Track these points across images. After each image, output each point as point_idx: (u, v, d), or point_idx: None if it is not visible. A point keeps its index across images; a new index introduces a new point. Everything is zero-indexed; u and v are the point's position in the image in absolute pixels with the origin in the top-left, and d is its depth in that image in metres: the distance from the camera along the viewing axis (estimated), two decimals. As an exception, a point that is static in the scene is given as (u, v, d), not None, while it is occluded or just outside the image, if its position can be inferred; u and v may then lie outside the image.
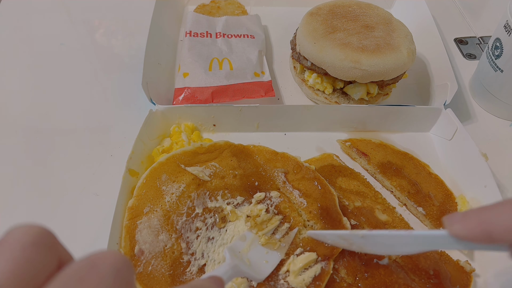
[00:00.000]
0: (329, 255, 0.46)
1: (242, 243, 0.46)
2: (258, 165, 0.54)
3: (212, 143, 0.56)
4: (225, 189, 0.51)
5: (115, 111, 0.66)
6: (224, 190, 0.51)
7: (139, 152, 0.55)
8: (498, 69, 0.64)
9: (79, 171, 0.58)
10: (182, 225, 0.47)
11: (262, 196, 0.50)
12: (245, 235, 0.46)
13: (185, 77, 0.66)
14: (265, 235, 0.47)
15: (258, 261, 0.45)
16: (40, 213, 0.53)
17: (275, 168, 0.54)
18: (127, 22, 0.83)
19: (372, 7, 0.68)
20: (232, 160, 0.54)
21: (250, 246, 0.46)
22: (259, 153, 0.56)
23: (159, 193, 0.49)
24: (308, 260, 0.45)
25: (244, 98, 0.65)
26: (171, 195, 0.49)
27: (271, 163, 0.54)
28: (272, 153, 0.56)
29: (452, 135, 0.61)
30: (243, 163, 0.54)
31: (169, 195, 0.49)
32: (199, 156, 0.54)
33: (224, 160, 0.54)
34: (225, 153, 0.55)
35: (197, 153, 0.54)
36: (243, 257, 0.44)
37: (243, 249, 0.45)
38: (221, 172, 0.52)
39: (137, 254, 0.45)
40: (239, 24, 0.77)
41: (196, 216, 0.48)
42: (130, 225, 0.47)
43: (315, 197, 0.51)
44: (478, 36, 0.85)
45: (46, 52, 0.75)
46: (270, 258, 0.46)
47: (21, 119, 0.64)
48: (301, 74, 0.69)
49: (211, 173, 0.52)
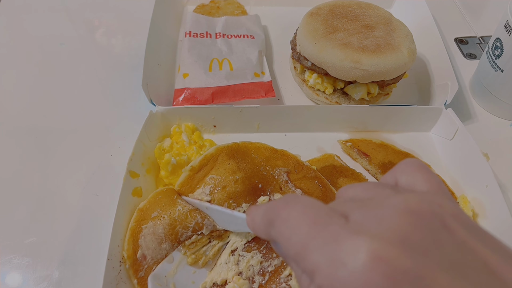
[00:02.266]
0: None
1: (169, 265, 0.44)
2: (258, 164, 0.53)
3: (202, 157, 0.53)
4: (229, 199, 0.49)
5: (115, 110, 0.66)
6: (229, 201, 0.49)
7: (139, 153, 0.55)
8: (499, 69, 0.64)
9: (79, 171, 0.58)
10: (186, 238, 0.46)
11: (266, 200, 0.50)
12: (172, 256, 0.45)
13: (185, 78, 0.66)
14: (193, 254, 0.46)
15: (184, 283, 0.44)
16: (40, 213, 0.53)
17: (277, 167, 0.53)
18: (127, 22, 0.83)
19: (372, 7, 0.68)
20: (230, 163, 0.52)
21: (177, 268, 0.45)
22: (257, 150, 0.55)
23: (173, 202, 0.48)
24: None
25: (244, 98, 0.64)
26: (184, 207, 0.47)
27: (271, 161, 0.54)
28: (271, 150, 0.55)
29: (453, 135, 0.61)
30: (242, 164, 0.52)
31: (182, 206, 0.47)
32: (196, 177, 0.51)
33: (221, 167, 0.51)
34: (220, 159, 0.52)
35: (193, 175, 0.52)
36: (169, 281, 0.43)
37: (169, 272, 0.44)
38: (221, 182, 0.50)
39: (139, 258, 0.45)
40: (238, 24, 0.77)
41: (201, 235, 0.47)
42: (136, 228, 0.47)
43: (316, 196, 0.51)
44: (478, 36, 0.84)
45: (46, 52, 0.75)
46: (197, 278, 0.45)
47: (20, 119, 0.64)
48: (302, 74, 0.69)
49: (210, 189, 0.49)
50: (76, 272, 0.48)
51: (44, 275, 0.48)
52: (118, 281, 0.44)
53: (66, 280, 0.48)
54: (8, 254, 0.49)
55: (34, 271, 0.48)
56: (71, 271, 0.48)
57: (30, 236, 0.51)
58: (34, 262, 0.49)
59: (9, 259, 0.49)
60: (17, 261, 0.49)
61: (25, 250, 0.50)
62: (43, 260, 0.49)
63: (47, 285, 0.47)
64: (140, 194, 0.52)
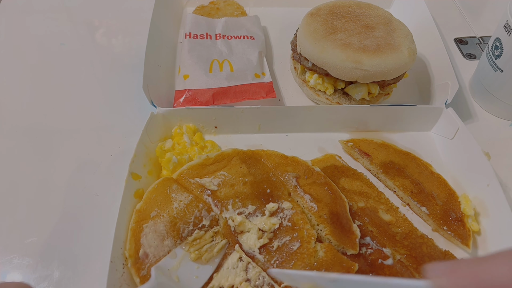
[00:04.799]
0: None
1: (172, 260, 0.45)
2: (268, 170, 0.54)
3: (219, 152, 0.55)
4: (235, 197, 0.50)
5: (115, 110, 0.66)
6: (235, 199, 0.50)
7: (141, 155, 0.55)
8: (498, 69, 0.64)
9: (79, 171, 0.58)
10: (188, 233, 0.47)
11: (275, 207, 0.49)
12: (175, 252, 0.46)
13: (185, 79, 0.66)
14: (196, 250, 0.46)
15: (188, 277, 0.44)
16: (40, 213, 0.53)
17: (286, 172, 0.53)
18: (127, 22, 0.83)
19: (372, 7, 0.68)
20: (242, 167, 0.53)
21: (180, 263, 0.45)
22: (268, 157, 0.55)
23: (168, 199, 0.49)
24: None
25: (245, 99, 0.64)
26: (180, 202, 0.49)
27: (281, 167, 0.54)
28: (282, 157, 0.56)
29: (454, 134, 0.61)
30: (252, 169, 0.53)
31: (178, 202, 0.49)
32: (208, 168, 0.53)
33: (233, 168, 0.53)
34: (233, 161, 0.54)
35: (205, 165, 0.54)
36: (172, 274, 0.44)
37: (172, 267, 0.44)
38: (230, 180, 0.51)
39: (141, 257, 0.45)
40: (238, 25, 0.77)
41: (202, 228, 0.47)
42: (136, 228, 0.47)
43: (326, 202, 0.50)
44: (478, 36, 0.85)
45: (46, 52, 0.75)
46: (201, 273, 0.45)
47: (21, 119, 0.64)
48: (302, 75, 0.69)
49: (219, 182, 0.51)
50: (76, 272, 0.48)
51: (44, 275, 0.47)
52: (121, 283, 0.43)
53: (66, 280, 0.47)
54: (8, 254, 0.49)
55: (34, 271, 0.48)
56: (71, 271, 0.48)
57: (30, 236, 0.51)
58: (34, 262, 0.49)
59: (9, 259, 0.49)
60: (17, 261, 0.49)
61: (25, 250, 0.49)
62: (43, 260, 0.49)
63: (47, 285, 0.47)
64: (142, 196, 0.51)
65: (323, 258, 0.46)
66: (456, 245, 0.52)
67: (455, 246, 0.53)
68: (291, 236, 0.47)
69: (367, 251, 0.48)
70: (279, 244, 0.47)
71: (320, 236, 0.49)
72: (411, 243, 0.50)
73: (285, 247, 0.47)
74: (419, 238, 0.51)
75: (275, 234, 0.47)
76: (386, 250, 0.48)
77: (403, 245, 0.50)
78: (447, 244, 0.53)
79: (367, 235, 0.50)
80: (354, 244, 0.48)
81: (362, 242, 0.49)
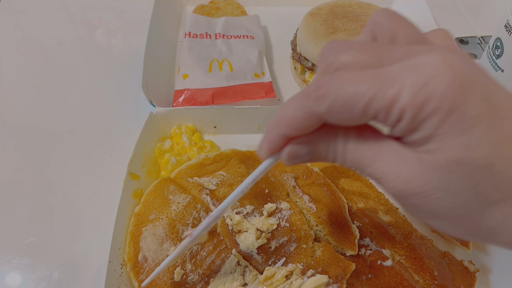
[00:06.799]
0: (342, 275, 0.44)
1: None
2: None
3: (218, 152, 0.55)
4: None
5: (115, 110, 0.66)
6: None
7: (140, 155, 0.55)
8: (499, 69, 0.64)
9: (79, 171, 0.58)
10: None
11: (273, 207, 0.49)
12: None
13: (185, 79, 0.66)
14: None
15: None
16: (40, 213, 0.53)
17: (285, 172, 0.53)
18: (126, 22, 0.82)
19: (373, 6, 0.68)
20: (240, 167, 0.53)
21: None
22: None
23: (166, 202, 0.49)
24: (319, 283, 0.43)
25: (244, 99, 0.64)
26: (178, 204, 0.49)
27: (280, 167, 0.54)
28: None
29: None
30: (251, 169, 0.53)
31: (176, 204, 0.49)
32: (206, 167, 0.53)
33: (232, 168, 0.53)
34: (232, 161, 0.54)
35: (204, 164, 0.54)
36: None
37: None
38: (229, 180, 0.52)
39: (140, 261, 0.45)
40: (238, 25, 0.76)
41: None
42: (135, 231, 0.47)
43: (325, 202, 0.50)
44: (478, 36, 0.84)
45: (46, 52, 0.75)
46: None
47: (20, 118, 0.64)
48: (302, 74, 0.69)
49: (218, 182, 0.51)
50: (76, 273, 0.48)
51: (44, 276, 0.48)
52: (119, 283, 0.43)
53: (66, 281, 0.47)
54: (8, 254, 0.49)
55: (34, 271, 0.48)
56: (70, 272, 0.48)
57: (30, 236, 0.51)
58: (34, 262, 0.49)
59: (9, 259, 0.49)
60: (16, 261, 0.49)
61: (25, 250, 0.49)
62: (43, 260, 0.49)
63: (47, 286, 0.47)
64: (141, 196, 0.51)
65: (320, 257, 0.46)
66: (456, 246, 0.52)
67: (455, 247, 0.52)
68: (289, 237, 0.47)
69: (366, 252, 0.48)
70: (277, 244, 0.47)
71: (319, 236, 0.49)
72: (410, 244, 0.50)
73: (282, 248, 0.46)
74: (419, 239, 0.51)
75: (273, 234, 0.47)
76: (386, 251, 0.48)
77: (402, 246, 0.50)
78: (447, 245, 0.53)
79: (366, 236, 0.50)
80: (353, 245, 0.48)
81: (361, 243, 0.49)
